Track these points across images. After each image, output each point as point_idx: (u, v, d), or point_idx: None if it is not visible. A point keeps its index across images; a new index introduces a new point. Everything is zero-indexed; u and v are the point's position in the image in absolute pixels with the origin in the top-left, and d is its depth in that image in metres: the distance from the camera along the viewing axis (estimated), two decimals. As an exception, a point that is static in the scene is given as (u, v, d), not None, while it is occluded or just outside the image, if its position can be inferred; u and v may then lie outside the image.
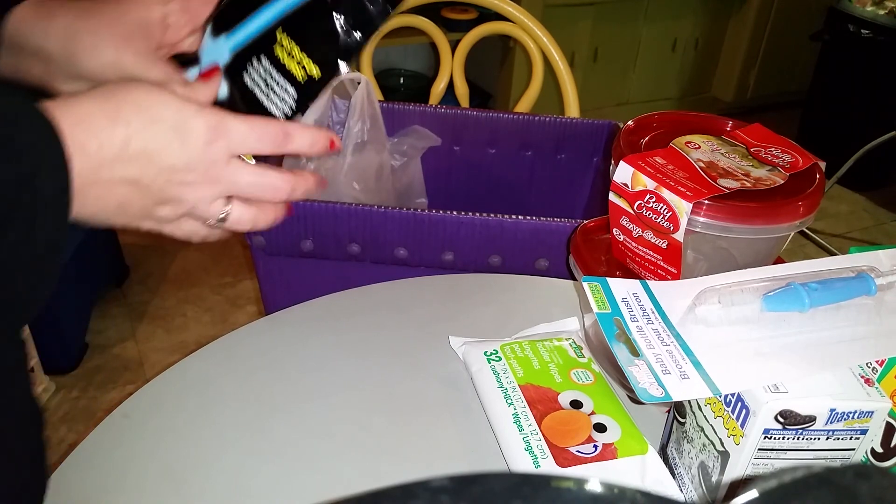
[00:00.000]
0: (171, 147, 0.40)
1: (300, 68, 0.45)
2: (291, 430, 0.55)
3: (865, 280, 0.47)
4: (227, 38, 0.47)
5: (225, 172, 0.42)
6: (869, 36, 2.21)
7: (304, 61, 0.45)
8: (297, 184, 0.45)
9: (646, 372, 0.44)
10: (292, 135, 0.44)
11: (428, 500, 0.19)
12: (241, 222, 0.45)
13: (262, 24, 0.46)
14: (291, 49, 0.45)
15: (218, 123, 0.41)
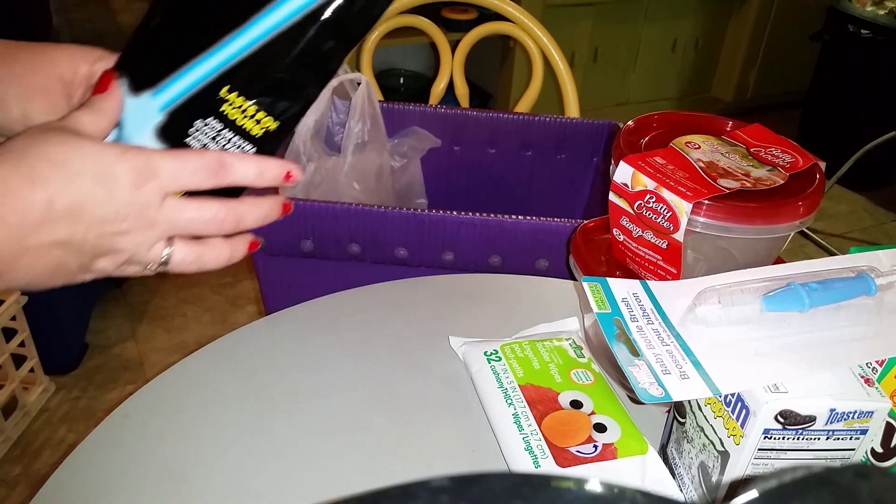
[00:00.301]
0: (97, 199, 0.37)
1: (255, 123, 0.42)
2: (291, 430, 0.55)
3: (865, 280, 0.47)
4: (154, 95, 0.42)
5: (160, 214, 0.39)
6: (869, 36, 2.21)
7: (258, 116, 0.42)
8: (246, 212, 0.42)
9: (646, 372, 0.44)
10: (231, 164, 0.41)
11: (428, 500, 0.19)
12: (184, 263, 0.42)
13: (198, 79, 0.41)
14: (244, 107, 0.41)
15: (144, 164, 0.38)
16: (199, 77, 0.41)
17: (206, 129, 0.42)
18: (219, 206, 0.41)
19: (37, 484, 0.50)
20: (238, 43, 0.41)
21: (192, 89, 0.42)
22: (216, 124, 0.42)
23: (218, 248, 0.43)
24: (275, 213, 0.44)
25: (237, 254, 0.44)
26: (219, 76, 0.41)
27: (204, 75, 0.41)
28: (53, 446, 1.37)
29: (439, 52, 1.26)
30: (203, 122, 0.42)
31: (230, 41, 0.41)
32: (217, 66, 0.41)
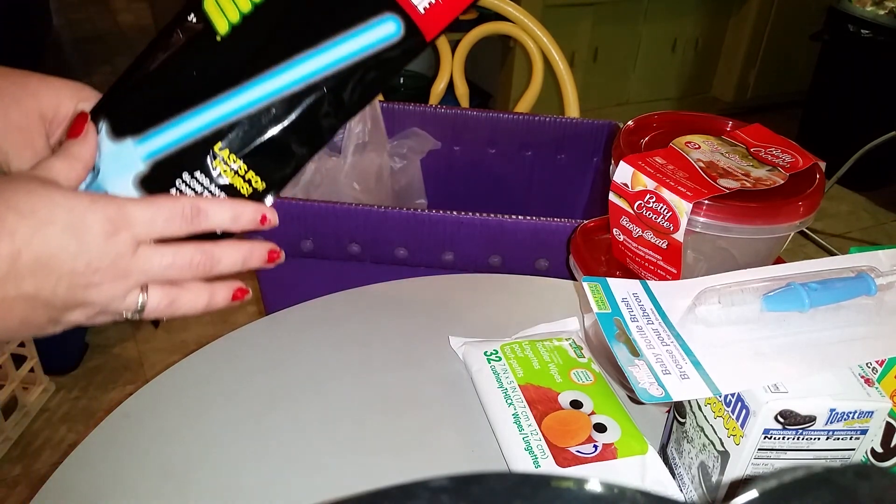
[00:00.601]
0: (67, 251, 0.35)
1: (244, 182, 0.41)
2: (291, 430, 0.55)
3: (865, 280, 0.47)
4: (138, 143, 0.41)
5: (134, 264, 0.38)
6: (869, 36, 2.21)
7: (248, 175, 0.41)
8: (222, 255, 0.41)
9: (646, 372, 0.44)
10: (206, 210, 0.40)
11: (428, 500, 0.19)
12: (158, 309, 0.40)
13: (188, 134, 0.40)
14: (237, 165, 0.40)
15: (117, 213, 0.37)
16: (191, 130, 0.40)
17: (192, 182, 0.41)
18: (193, 251, 0.40)
19: (37, 484, 0.50)
20: (238, 100, 0.40)
21: (182, 142, 0.40)
22: (203, 179, 0.41)
23: (195, 293, 0.42)
24: (257, 257, 0.43)
25: (217, 299, 0.43)
26: (213, 132, 0.40)
27: (197, 129, 0.40)
28: (53, 446, 1.37)
29: (439, 52, 1.26)
30: (190, 175, 0.41)
31: (230, 97, 0.40)
32: (213, 122, 0.40)
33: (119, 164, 0.41)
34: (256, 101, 0.40)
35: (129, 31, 3.23)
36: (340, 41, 0.39)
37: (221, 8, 0.41)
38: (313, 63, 0.40)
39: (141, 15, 3.30)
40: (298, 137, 0.41)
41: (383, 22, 0.39)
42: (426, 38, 0.40)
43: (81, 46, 3.09)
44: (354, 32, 0.39)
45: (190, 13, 0.41)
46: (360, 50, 0.39)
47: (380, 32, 0.39)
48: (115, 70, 2.86)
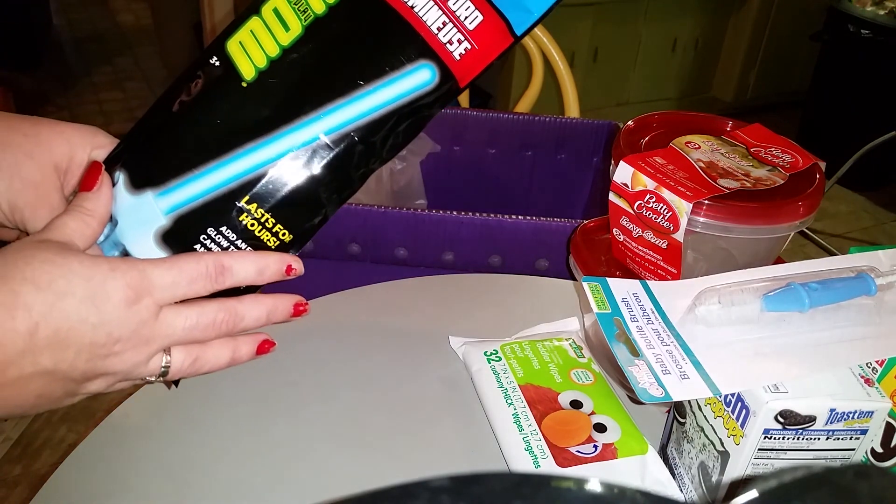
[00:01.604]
0: (87, 322, 0.34)
1: (271, 235, 0.39)
2: (291, 430, 0.55)
3: (865, 280, 0.47)
4: (159, 196, 0.39)
5: (156, 329, 0.37)
6: (869, 36, 2.21)
7: (276, 228, 0.39)
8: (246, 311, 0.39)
9: (646, 372, 0.44)
10: (231, 268, 0.38)
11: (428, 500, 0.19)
12: (182, 370, 0.39)
13: (212, 187, 0.38)
14: (264, 219, 0.39)
15: (138, 279, 0.35)
16: (216, 183, 0.38)
17: (218, 238, 0.39)
18: (217, 310, 0.38)
19: (37, 484, 0.50)
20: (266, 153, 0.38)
21: (206, 195, 0.38)
22: (230, 234, 0.39)
23: (218, 350, 0.40)
24: (281, 311, 0.41)
25: (241, 354, 0.42)
26: (239, 185, 0.38)
27: (222, 182, 0.38)
28: (53, 446, 1.37)
29: (439, 52, 1.26)
30: (216, 231, 0.39)
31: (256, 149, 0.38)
32: (239, 175, 0.38)
33: (139, 217, 0.39)
34: (285, 153, 0.38)
35: (129, 31, 3.23)
36: (374, 90, 0.38)
37: (247, 52, 0.38)
38: (345, 113, 0.38)
39: (141, 15, 3.29)
40: (328, 188, 0.39)
41: (418, 70, 0.37)
42: (460, 84, 0.38)
43: (81, 46, 3.09)
44: (389, 81, 0.37)
45: (212, 56, 0.39)
46: (394, 98, 0.38)
47: (415, 80, 0.37)
48: (115, 70, 2.86)
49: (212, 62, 0.39)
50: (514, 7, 0.37)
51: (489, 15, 0.37)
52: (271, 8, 0.38)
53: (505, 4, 0.37)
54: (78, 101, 2.62)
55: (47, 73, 2.78)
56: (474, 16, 0.37)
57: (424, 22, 0.37)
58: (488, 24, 0.37)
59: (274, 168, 0.38)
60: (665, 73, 2.61)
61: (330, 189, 0.39)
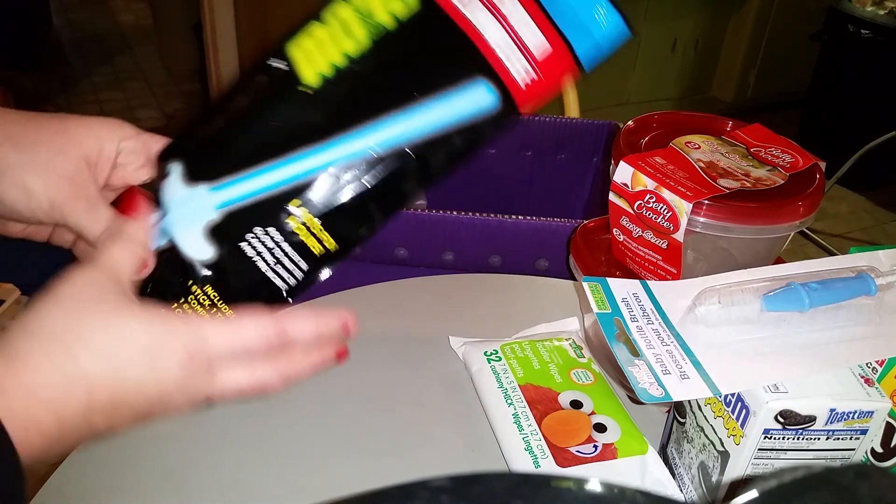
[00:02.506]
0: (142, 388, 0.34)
1: (317, 242, 0.39)
2: (291, 430, 0.55)
3: (865, 280, 0.47)
4: (212, 190, 0.39)
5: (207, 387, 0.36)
6: (869, 36, 2.21)
7: (322, 235, 0.39)
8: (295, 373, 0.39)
9: (646, 372, 0.44)
10: (290, 333, 0.37)
11: (428, 500, 0.19)
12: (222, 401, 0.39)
13: (266, 187, 0.39)
14: (311, 224, 0.39)
15: (197, 344, 0.35)
16: (269, 183, 0.38)
17: (265, 238, 0.39)
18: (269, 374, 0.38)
19: (37, 484, 0.50)
20: (321, 158, 0.38)
21: (258, 194, 0.39)
22: (277, 235, 0.39)
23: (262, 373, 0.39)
24: (328, 362, 0.41)
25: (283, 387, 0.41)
26: (292, 188, 0.38)
27: (276, 183, 0.38)
28: (53, 446, 1.36)
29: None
30: (263, 230, 0.39)
31: (312, 154, 0.38)
32: (293, 178, 0.38)
33: (190, 209, 0.39)
34: (339, 161, 0.38)
35: (129, 31, 3.23)
36: (434, 108, 0.37)
37: (310, 57, 0.39)
38: (402, 127, 0.38)
39: (141, 15, 3.29)
40: (377, 201, 0.39)
41: (481, 92, 0.37)
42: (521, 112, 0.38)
43: (81, 46, 3.09)
44: (450, 101, 0.37)
45: (274, 57, 0.39)
46: (453, 119, 0.37)
47: (477, 102, 0.37)
48: (115, 70, 2.86)
49: (274, 64, 0.39)
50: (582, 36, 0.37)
51: (558, 47, 0.37)
52: (336, 15, 0.38)
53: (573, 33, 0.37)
54: (78, 101, 2.62)
55: (47, 73, 2.78)
56: (540, 42, 0.37)
57: (493, 48, 0.37)
58: (555, 53, 0.37)
59: (327, 175, 0.38)
60: (665, 73, 2.61)
61: (379, 202, 0.39)
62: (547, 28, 0.37)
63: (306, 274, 0.40)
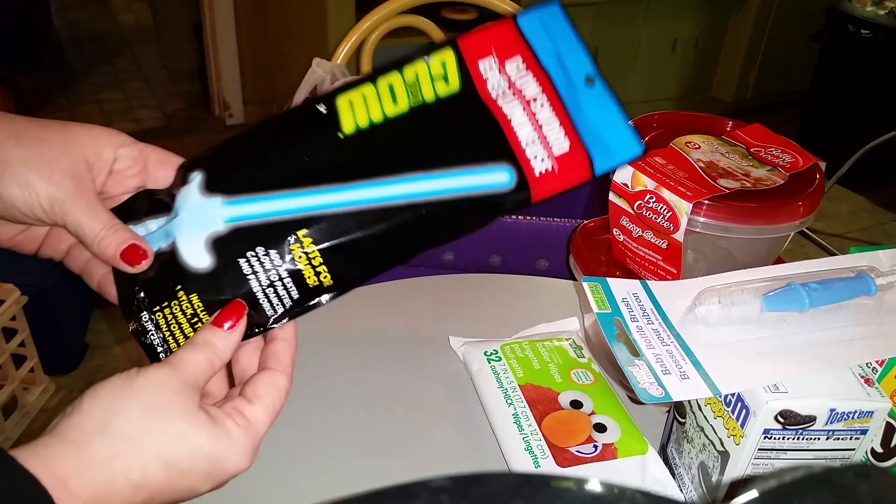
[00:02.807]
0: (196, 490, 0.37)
1: (314, 273, 0.40)
2: (291, 430, 0.55)
3: (865, 280, 0.47)
4: (226, 204, 0.40)
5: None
6: (869, 36, 2.21)
7: (320, 268, 0.40)
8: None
9: (646, 372, 0.44)
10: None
11: (428, 500, 0.19)
12: None
13: (279, 212, 0.40)
14: (312, 255, 0.40)
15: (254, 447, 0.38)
16: (283, 209, 0.40)
17: (264, 258, 0.40)
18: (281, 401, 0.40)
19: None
20: (337, 197, 0.40)
21: (269, 217, 0.40)
22: (276, 259, 0.40)
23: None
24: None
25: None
26: (303, 218, 0.40)
27: (289, 210, 0.40)
28: (53, 446, 1.36)
29: (439, 52, 1.26)
30: (265, 251, 0.40)
31: (330, 191, 0.40)
32: (306, 208, 0.40)
33: (200, 217, 0.41)
34: (353, 203, 0.40)
35: (129, 31, 3.23)
36: (453, 174, 0.40)
37: (353, 109, 0.41)
38: (421, 185, 0.40)
39: (141, 15, 3.30)
40: (380, 248, 0.41)
41: (499, 171, 0.40)
42: (532, 199, 0.41)
43: (81, 46, 3.09)
44: (469, 171, 0.40)
45: (321, 102, 0.42)
46: (469, 188, 0.40)
47: (493, 179, 0.40)
48: (115, 70, 2.86)
49: (319, 107, 0.42)
50: (600, 148, 0.41)
51: (576, 147, 0.41)
52: (387, 83, 0.41)
53: (593, 143, 0.41)
54: (78, 101, 2.62)
55: (47, 73, 2.78)
56: (562, 144, 0.41)
57: (516, 134, 0.41)
58: (573, 155, 0.41)
59: (339, 213, 0.40)
60: (665, 73, 2.61)
61: (382, 250, 0.41)
62: (571, 133, 0.41)
63: (295, 302, 0.41)
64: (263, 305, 0.41)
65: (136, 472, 0.34)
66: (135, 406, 0.35)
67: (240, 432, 0.37)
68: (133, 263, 0.40)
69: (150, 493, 0.34)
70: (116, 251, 0.40)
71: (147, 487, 0.34)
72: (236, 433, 0.37)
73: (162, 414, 0.35)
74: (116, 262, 0.40)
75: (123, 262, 0.40)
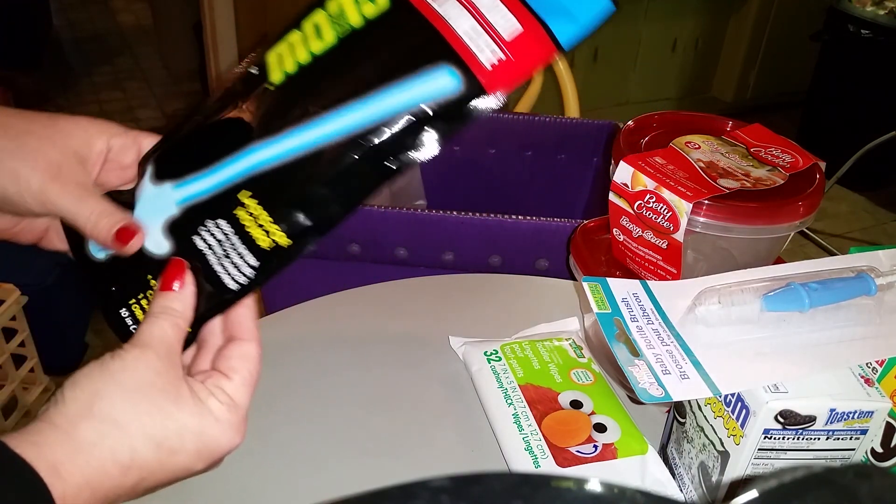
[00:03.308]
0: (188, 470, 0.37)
1: (265, 235, 0.38)
2: (291, 430, 0.55)
3: (865, 280, 0.47)
4: (176, 187, 0.40)
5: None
6: (869, 36, 2.21)
7: (271, 229, 0.38)
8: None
9: (646, 372, 0.44)
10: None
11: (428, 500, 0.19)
12: None
13: (222, 181, 0.39)
14: (258, 215, 0.38)
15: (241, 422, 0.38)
16: (225, 178, 0.39)
17: (215, 230, 0.39)
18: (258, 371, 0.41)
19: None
20: (273, 149, 0.38)
21: (215, 189, 0.39)
22: (226, 226, 0.39)
23: None
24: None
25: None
26: (244, 180, 0.39)
27: (231, 177, 0.39)
28: (53, 446, 1.36)
29: (439, 52, 1.26)
30: (214, 222, 0.39)
31: (265, 146, 0.38)
32: (246, 170, 0.39)
33: (155, 206, 0.41)
34: (291, 151, 0.38)
35: (129, 31, 3.23)
36: (389, 93, 0.36)
37: (281, 59, 0.39)
38: (357, 115, 0.37)
39: (141, 15, 3.29)
40: (330, 194, 0.38)
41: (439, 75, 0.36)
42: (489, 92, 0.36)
43: (81, 46, 3.09)
44: (406, 85, 0.36)
45: (253, 65, 0.40)
46: (411, 103, 0.36)
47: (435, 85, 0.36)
48: (115, 70, 2.86)
49: (252, 71, 0.40)
50: (558, 15, 0.36)
51: (528, 23, 0.36)
52: (312, 23, 0.39)
53: (548, 12, 0.36)
54: (78, 101, 2.62)
55: (47, 73, 2.78)
56: (511, 25, 0.36)
57: (454, 30, 0.36)
58: (528, 33, 0.36)
59: (279, 165, 0.38)
60: (665, 73, 2.61)
61: (333, 195, 0.38)
62: (518, 9, 0.36)
63: (257, 270, 0.39)
64: (224, 278, 0.39)
65: (125, 453, 0.34)
66: (115, 389, 0.35)
67: (223, 409, 0.37)
68: (125, 242, 0.40)
69: (140, 474, 0.34)
70: (109, 234, 0.40)
71: (137, 468, 0.34)
72: (220, 411, 0.37)
73: (143, 394, 0.35)
74: (112, 245, 0.40)
75: (117, 243, 0.40)
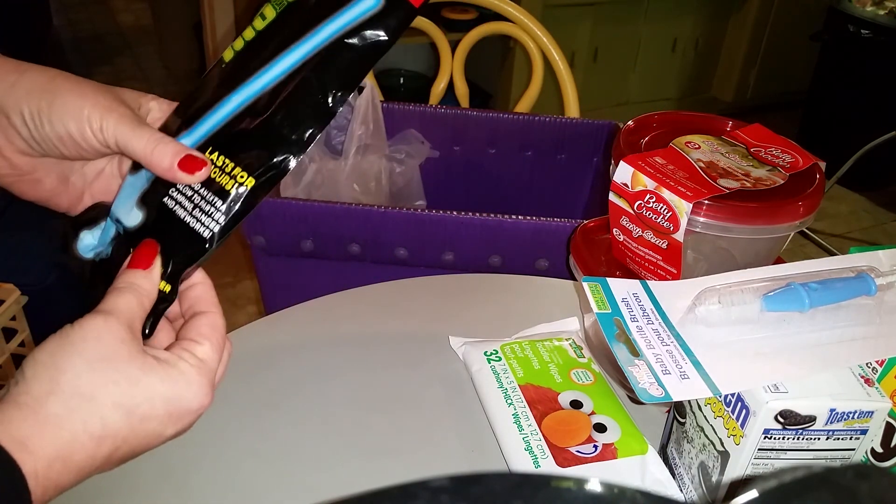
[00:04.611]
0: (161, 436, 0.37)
1: (231, 179, 0.41)
2: (291, 430, 0.55)
3: (865, 280, 0.47)
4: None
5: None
6: (869, 36, 2.21)
7: (236, 172, 0.41)
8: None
9: (646, 372, 0.44)
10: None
11: (428, 500, 0.19)
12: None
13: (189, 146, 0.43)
14: (223, 164, 0.41)
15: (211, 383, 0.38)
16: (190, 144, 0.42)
17: (184, 188, 0.42)
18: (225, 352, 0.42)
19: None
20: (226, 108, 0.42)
21: None
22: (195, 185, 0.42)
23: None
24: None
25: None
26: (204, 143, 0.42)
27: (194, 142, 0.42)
28: (53, 446, 1.36)
29: (439, 52, 1.26)
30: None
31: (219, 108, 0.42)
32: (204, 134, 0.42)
33: (130, 188, 0.43)
34: (243, 102, 0.42)
35: (129, 31, 3.23)
36: (322, 27, 0.41)
37: (234, 44, 0.43)
38: (295, 54, 0.41)
39: (141, 15, 3.29)
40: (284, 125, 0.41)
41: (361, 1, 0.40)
42: (415, 3, 0.40)
43: (81, 46, 3.09)
44: (336, 16, 0.40)
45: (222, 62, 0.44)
46: (340, 28, 0.40)
47: (358, 8, 0.40)
48: (115, 70, 2.86)
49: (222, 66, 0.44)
50: None
51: None
52: (260, 14, 0.43)
53: None
54: (78, 101, 2.62)
55: (47, 73, 2.78)
56: None
57: None
58: None
59: (233, 117, 0.42)
60: (665, 73, 2.61)
61: (288, 125, 0.41)
62: None
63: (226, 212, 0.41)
64: (198, 228, 0.41)
65: (97, 424, 0.34)
66: (79, 360, 0.35)
67: (193, 371, 0.37)
68: (192, 171, 0.40)
69: (114, 443, 0.34)
70: (173, 161, 0.40)
71: (110, 438, 0.34)
72: (190, 372, 0.37)
73: (109, 363, 0.35)
74: (174, 173, 0.40)
75: (182, 171, 0.40)
